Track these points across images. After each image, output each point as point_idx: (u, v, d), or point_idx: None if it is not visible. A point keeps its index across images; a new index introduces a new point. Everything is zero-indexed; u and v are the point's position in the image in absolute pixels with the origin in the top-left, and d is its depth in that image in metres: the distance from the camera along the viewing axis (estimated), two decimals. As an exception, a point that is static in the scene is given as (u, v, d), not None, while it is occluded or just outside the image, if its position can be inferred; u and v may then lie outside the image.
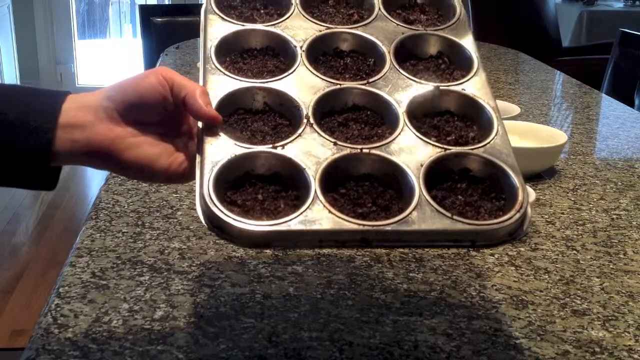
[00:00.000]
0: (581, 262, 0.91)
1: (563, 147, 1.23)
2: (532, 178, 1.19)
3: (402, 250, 0.92)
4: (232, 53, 0.75)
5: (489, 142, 0.68)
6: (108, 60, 5.67)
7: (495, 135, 0.69)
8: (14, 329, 2.38)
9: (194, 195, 0.62)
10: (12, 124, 0.63)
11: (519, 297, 0.82)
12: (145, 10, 2.97)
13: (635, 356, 0.72)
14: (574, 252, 0.94)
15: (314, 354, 0.70)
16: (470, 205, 0.64)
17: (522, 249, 0.94)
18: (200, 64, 0.73)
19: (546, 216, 1.05)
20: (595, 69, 2.83)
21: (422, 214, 0.61)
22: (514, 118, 1.38)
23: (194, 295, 0.80)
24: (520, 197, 0.63)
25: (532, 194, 0.98)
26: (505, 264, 0.90)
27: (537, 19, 3.95)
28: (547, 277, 0.87)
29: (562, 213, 1.07)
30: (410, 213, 0.61)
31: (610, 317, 0.79)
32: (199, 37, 0.76)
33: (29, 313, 2.46)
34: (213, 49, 0.73)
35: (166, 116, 0.68)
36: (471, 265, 0.89)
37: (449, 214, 0.61)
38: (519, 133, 1.27)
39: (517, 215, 0.62)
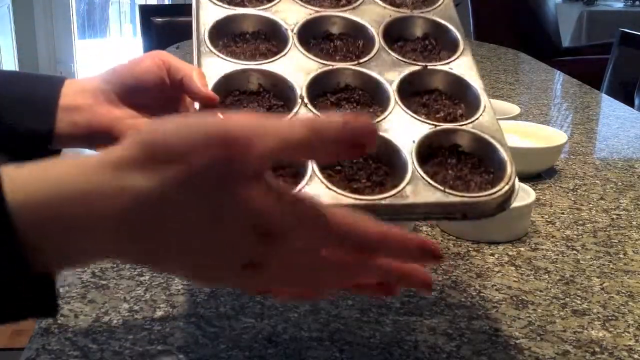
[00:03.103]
0: (581, 262, 0.91)
1: (563, 147, 1.23)
2: (532, 178, 1.19)
3: (402, 250, 0.92)
4: (225, 37, 0.76)
5: (477, 119, 0.70)
6: (108, 60, 5.67)
7: (483, 111, 0.71)
8: (14, 329, 2.38)
9: None
10: (13, 108, 0.64)
11: (519, 297, 0.82)
12: (145, 10, 2.97)
13: (636, 356, 0.72)
14: (574, 252, 0.94)
15: (314, 354, 0.70)
16: (460, 179, 0.66)
17: (522, 249, 0.94)
18: (194, 48, 0.73)
19: (546, 216, 1.05)
20: (595, 69, 2.83)
21: (416, 187, 0.63)
22: (514, 118, 1.37)
23: (194, 295, 0.80)
24: (508, 170, 0.65)
25: (532, 194, 0.99)
26: (505, 264, 0.90)
27: (537, 19, 3.95)
28: (547, 277, 0.87)
29: (562, 213, 1.07)
30: (404, 188, 0.63)
31: (610, 317, 0.79)
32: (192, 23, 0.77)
33: (29, 313, 2.46)
34: (206, 33, 0.74)
35: (163, 98, 0.69)
36: (471, 265, 0.89)
37: (441, 188, 0.63)
38: (519, 133, 1.27)
39: (506, 187, 0.64)
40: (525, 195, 0.97)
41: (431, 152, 0.68)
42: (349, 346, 0.71)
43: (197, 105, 0.67)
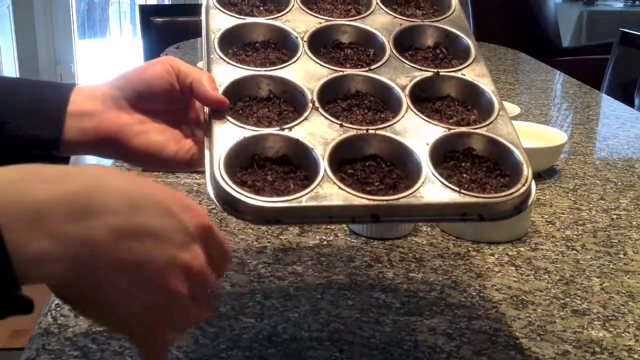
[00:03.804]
0: (581, 262, 0.91)
1: (563, 147, 1.23)
2: (532, 178, 1.19)
3: (402, 250, 0.92)
4: (234, 46, 0.76)
5: (491, 122, 0.70)
6: (108, 60, 5.67)
7: (497, 115, 0.70)
8: (14, 329, 2.38)
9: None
10: (21, 114, 0.64)
11: (519, 297, 0.82)
12: (145, 10, 2.97)
13: (635, 356, 0.72)
14: (574, 252, 0.94)
15: (314, 354, 0.70)
16: (475, 182, 0.65)
17: (522, 249, 0.94)
18: (204, 55, 0.73)
19: (546, 216, 1.05)
20: (595, 69, 2.82)
21: (431, 189, 0.62)
22: (514, 118, 1.37)
23: (194, 295, 0.80)
24: (525, 172, 0.65)
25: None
26: (505, 264, 0.90)
27: (537, 19, 3.95)
28: (547, 277, 0.87)
29: (562, 213, 1.07)
30: (419, 188, 0.62)
31: (610, 317, 0.79)
32: (201, 34, 0.77)
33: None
34: (216, 41, 0.74)
35: (173, 104, 0.69)
36: (471, 265, 0.89)
37: (456, 188, 0.62)
38: (519, 133, 1.26)
39: (523, 189, 0.64)
40: (525, 195, 0.97)
41: (445, 155, 0.67)
42: (349, 346, 0.71)
43: (207, 109, 0.67)
